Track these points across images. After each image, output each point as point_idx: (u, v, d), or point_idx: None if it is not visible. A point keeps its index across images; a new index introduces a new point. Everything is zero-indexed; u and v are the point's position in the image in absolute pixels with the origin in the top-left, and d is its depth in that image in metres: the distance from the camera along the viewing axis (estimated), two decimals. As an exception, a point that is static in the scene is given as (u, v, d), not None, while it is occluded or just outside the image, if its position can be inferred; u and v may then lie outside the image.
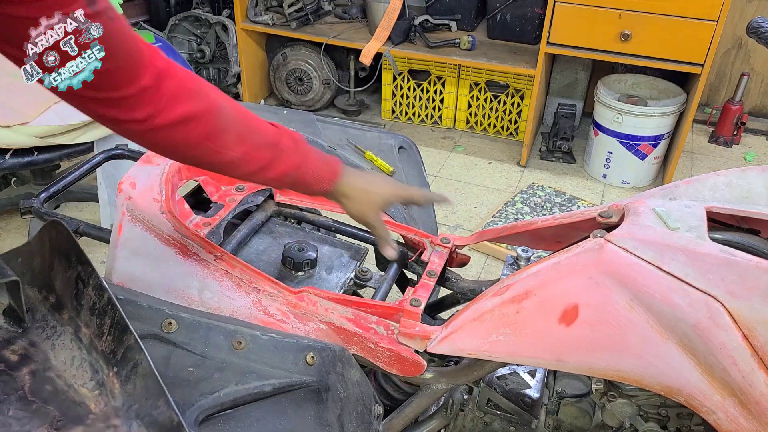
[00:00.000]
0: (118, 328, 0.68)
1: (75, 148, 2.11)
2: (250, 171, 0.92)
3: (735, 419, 0.84)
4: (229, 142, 0.88)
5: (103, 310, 0.70)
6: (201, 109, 0.84)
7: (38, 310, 0.75)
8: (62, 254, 0.75)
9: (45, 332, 0.74)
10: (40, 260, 0.77)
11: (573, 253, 0.91)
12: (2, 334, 0.73)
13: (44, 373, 0.70)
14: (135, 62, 0.77)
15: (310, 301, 1.03)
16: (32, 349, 0.72)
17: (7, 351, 0.72)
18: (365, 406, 1.02)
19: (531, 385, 1.14)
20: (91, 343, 0.71)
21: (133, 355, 0.66)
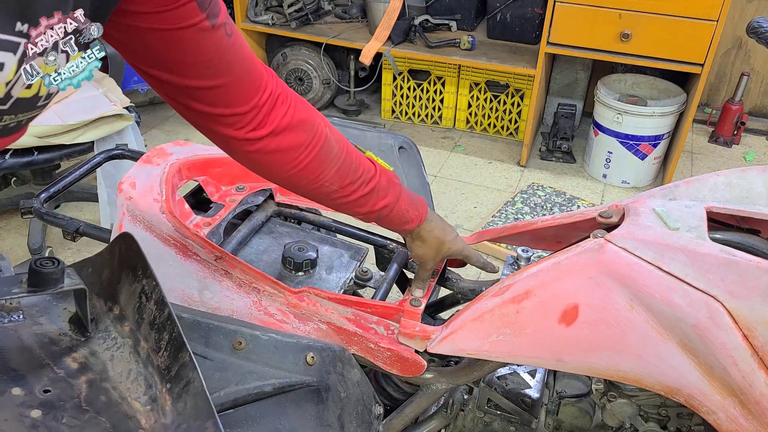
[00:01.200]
0: (175, 344, 0.69)
1: (75, 148, 2.11)
2: (342, 203, 0.96)
3: (735, 419, 0.84)
4: (329, 175, 0.91)
5: (162, 326, 0.70)
6: (309, 140, 0.87)
7: (102, 320, 0.76)
8: (129, 267, 0.76)
9: (106, 343, 0.74)
10: (108, 272, 0.78)
11: (573, 253, 0.91)
12: (66, 341, 0.74)
13: (101, 384, 0.70)
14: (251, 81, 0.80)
15: (310, 301, 1.03)
16: (92, 359, 0.73)
17: (69, 358, 0.72)
18: (365, 406, 1.02)
19: (531, 385, 1.14)
20: (148, 358, 0.71)
21: (187, 373, 0.67)
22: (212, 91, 0.77)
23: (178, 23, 0.69)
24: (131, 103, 2.27)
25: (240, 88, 0.79)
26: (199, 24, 0.71)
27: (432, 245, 1.05)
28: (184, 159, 1.23)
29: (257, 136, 0.82)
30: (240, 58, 0.77)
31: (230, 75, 0.77)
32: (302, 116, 0.86)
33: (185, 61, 0.73)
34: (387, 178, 0.97)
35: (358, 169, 0.93)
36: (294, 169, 0.88)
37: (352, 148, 0.94)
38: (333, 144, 0.90)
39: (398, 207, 0.99)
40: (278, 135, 0.84)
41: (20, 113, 0.64)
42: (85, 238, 1.25)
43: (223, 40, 0.74)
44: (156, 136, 3.26)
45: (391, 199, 0.97)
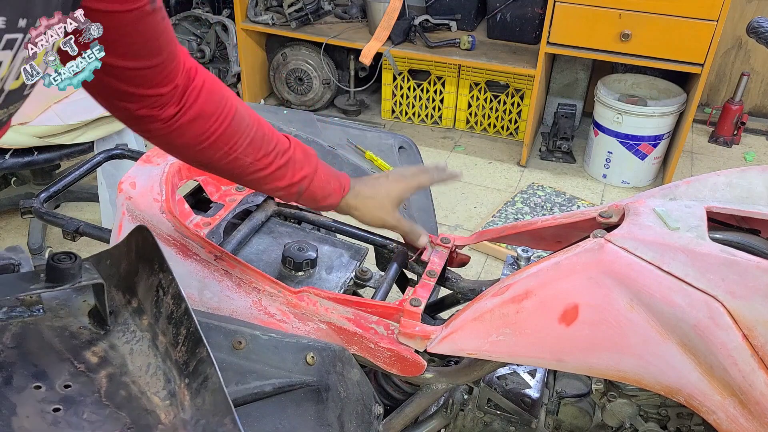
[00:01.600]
0: (192, 339, 0.69)
1: (75, 148, 2.11)
2: (259, 177, 0.94)
3: (735, 419, 0.84)
4: (243, 146, 0.90)
5: (180, 320, 0.70)
6: (220, 111, 0.87)
7: (121, 313, 0.76)
8: (146, 260, 0.76)
9: (125, 336, 0.74)
10: (126, 264, 0.78)
11: (573, 253, 0.91)
12: (86, 335, 0.74)
13: (120, 378, 0.70)
14: (175, 61, 0.81)
15: (310, 300, 1.03)
16: (112, 352, 0.73)
17: (89, 352, 0.72)
18: (365, 406, 1.02)
19: (531, 385, 1.14)
20: (167, 352, 0.71)
21: (205, 368, 0.67)
22: (142, 72, 0.77)
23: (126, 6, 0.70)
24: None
25: (167, 69, 0.80)
26: (143, 7, 0.71)
27: (369, 207, 1.02)
28: (184, 159, 1.22)
29: (173, 112, 0.83)
30: (169, 40, 0.78)
31: (161, 56, 0.77)
32: (212, 88, 0.87)
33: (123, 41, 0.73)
34: (302, 150, 0.96)
35: (271, 141, 0.93)
36: (207, 140, 0.87)
37: (264, 122, 0.94)
38: (244, 115, 0.90)
39: (317, 179, 0.97)
40: (191, 107, 0.85)
41: (11, 105, 0.65)
42: (85, 238, 1.25)
43: (160, 23, 0.75)
44: (156, 136, 3.26)
45: (309, 170, 0.96)
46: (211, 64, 3.57)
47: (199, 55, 3.53)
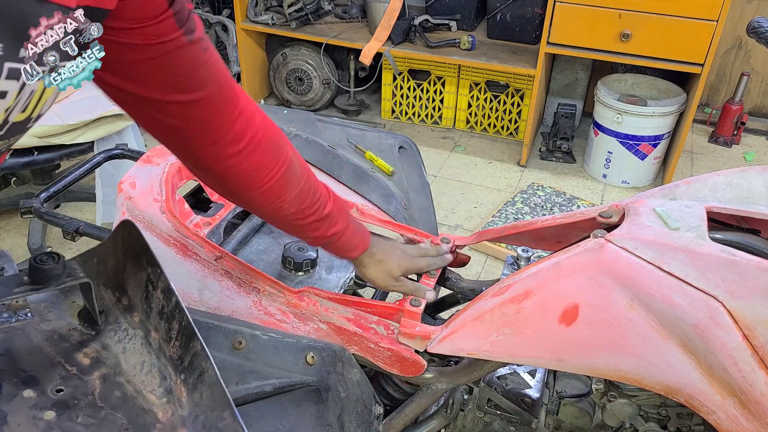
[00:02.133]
0: (185, 333, 0.67)
1: (75, 148, 2.11)
2: (296, 226, 0.96)
3: (735, 419, 0.84)
4: (290, 198, 0.91)
5: (171, 315, 0.69)
6: (276, 161, 0.87)
7: (111, 312, 0.75)
8: (133, 255, 0.74)
9: (117, 335, 0.73)
10: (113, 261, 0.76)
11: (573, 253, 0.91)
12: (77, 336, 0.73)
13: (114, 378, 0.69)
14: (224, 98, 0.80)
15: (310, 300, 1.03)
16: (104, 353, 0.72)
17: (80, 354, 0.71)
18: (365, 406, 1.02)
19: (531, 385, 1.14)
20: (160, 348, 0.70)
21: (200, 362, 0.65)
22: (186, 106, 0.77)
23: (156, 39, 0.69)
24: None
25: (213, 104, 0.79)
26: (176, 39, 0.70)
27: (378, 269, 1.05)
28: (184, 159, 1.22)
29: (227, 153, 0.83)
30: (214, 74, 0.78)
31: (204, 90, 0.77)
32: (272, 137, 0.87)
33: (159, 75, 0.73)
34: (339, 206, 0.99)
35: (315, 194, 0.94)
36: (259, 189, 0.88)
37: (311, 173, 0.95)
38: (296, 167, 0.91)
39: (346, 234, 1.00)
40: (249, 155, 0.84)
41: (12, 137, 0.64)
42: (85, 238, 1.25)
43: (200, 55, 0.74)
44: (156, 136, 3.26)
45: (341, 227, 0.98)
46: (211, 64, 3.57)
47: (199, 55, 3.53)
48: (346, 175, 1.34)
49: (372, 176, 1.36)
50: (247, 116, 0.84)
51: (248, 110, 0.84)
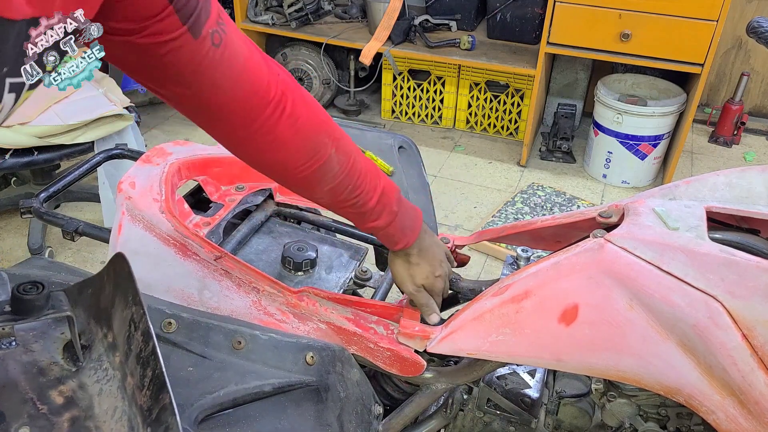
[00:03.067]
0: (156, 383, 0.64)
1: (75, 148, 2.12)
2: (331, 209, 0.97)
3: (734, 419, 0.84)
4: (319, 192, 0.91)
5: (147, 361, 0.66)
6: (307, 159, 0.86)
7: (96, 348, 0.71)
8: (122, 291, 0.71)
9: (97, 374, 0.70)
10: (105, 295, 0.73)
11: (573, 253, 0.91)
12: (56, 371, 0.69)
13: (84, 422, 0.66)
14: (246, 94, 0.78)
15: (309, 300, 1.03)
16: (80, 392, 0.68)
17: (55, 392, 0.68)
18: (365, 406, 1.02)
19: (531, 385, 1.14)
20: (133, 395, 0.67)
21: (166, 417, 0.62)
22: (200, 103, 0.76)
23: (158, 38, 0.68)
24: (131, 103, 2.27)
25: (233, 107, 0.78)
26: (180, 38, 0.69)
27: (404, 269, 1.03)
28: (183, 159, 1.23)
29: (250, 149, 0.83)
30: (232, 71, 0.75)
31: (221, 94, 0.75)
32: (307, 133, 0.84)
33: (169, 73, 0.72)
34: (385, 202, 0.95)
35: (355, 190, 0.92)
36: (286, 178, 0.89)
37: (356, 168, 0.91)
38: (334, 164, 0.88)
39: (386, 231, 0.98)
40: (276, 149, 0.83)
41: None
42: (85, 237, 1.25)
43: (209, 52, 0.72)
44: (156, 136, 3.26)
45: (381, 223, 0.96)
46: (211, 64, 3.57)
47: (199, 55, 3.53)
48: (345, 175, 1.34)
49: (372, 176, 1.36)
50: (281, 109, 0.81)
51: (284, 102, 0.81)
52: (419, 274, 1.03)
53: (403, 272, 1.03)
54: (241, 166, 1.28)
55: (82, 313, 0.74)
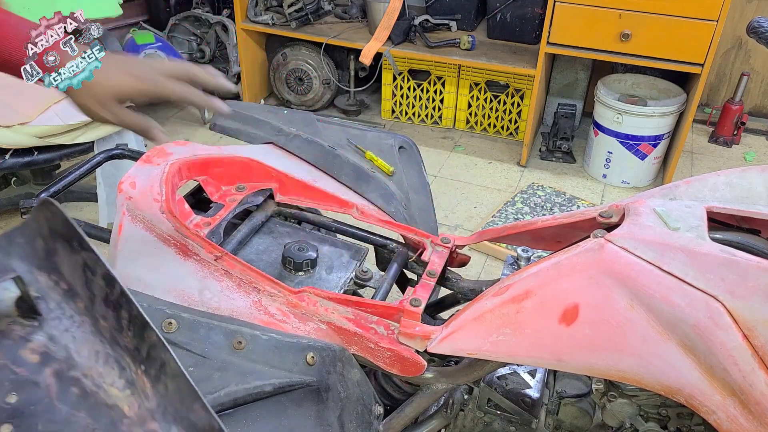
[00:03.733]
0: (136, 323, 0.61)
1: (75, 148, 2.12)
2: None
3: (735, 419, 0.84)
4: None
5: (118, 303, 0.63)
6: None
7: (51, 297, 0.67)
8: (63, 238, 0.66)
9: (62, 323, 0.65)
10: (42, 242, 0.68)
11: (573, 253, 0.91)
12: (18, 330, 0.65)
13: (68, 373, 0.62)
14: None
15: (310, 301, 1.03)
16: (52, 345, 0.64)
17: (26, 351, 0.64)
18: (365, 406, 1.02)
19: (531, 385, 1.14)
20: (113, 338, 0.63)
21: (159, 353, 0.60)
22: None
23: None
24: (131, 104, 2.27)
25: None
26: None
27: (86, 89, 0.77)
28: (184, 159, 1.23)
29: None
30: None
31: None
32: None
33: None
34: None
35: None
36: None
37: None
38: None
39: None
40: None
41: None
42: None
43: None
44: (156, 136, 3.26)
45: None
46: (211, 65, 3.57)
47: (199, 55, 3.53)
48: (346, 175, 1.34)
49: (372, 176, 1.36)
50: None
51: None
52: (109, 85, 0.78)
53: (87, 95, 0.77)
54: (242, 166, 1.28)
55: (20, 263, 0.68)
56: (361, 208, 1.25)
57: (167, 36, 3.50)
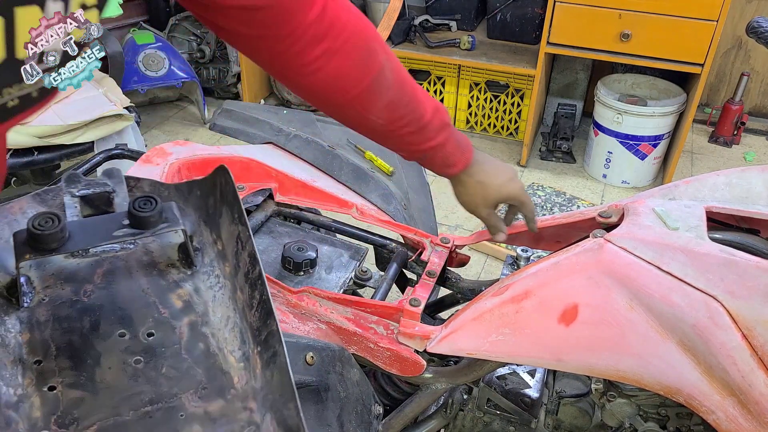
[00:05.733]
0: (264, 308, 0.66)
1: (75, 148, 2.12)
2: (384, 139, 0.92)
3: (734, 419, 0.84)
4: (377, 108, 0.86)
5: (255, 283, 0.68)
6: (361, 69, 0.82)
7: (207, 252, 0.73)
8: (228, 205, 0.73)
9: (210, 279, 0.72)
10: (213, 201, 0.75)
11: (573, 253, 0.91)
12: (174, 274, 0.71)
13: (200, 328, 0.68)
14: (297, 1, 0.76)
15: (309, 300, 1.03)
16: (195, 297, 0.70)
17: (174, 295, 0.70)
18: (365, 406, 1.02)
19: (531, 385, 1.14)
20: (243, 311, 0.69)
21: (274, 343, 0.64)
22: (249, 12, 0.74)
23: None
24: (131, 103, 2.27)
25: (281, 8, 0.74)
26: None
27: (472, 191, 0.99)
28: (183, 159, 1.23)
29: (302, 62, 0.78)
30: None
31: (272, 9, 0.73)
32: (358, 41, 0.81)
33: None
34: (439, 118, 0.91)
35: (410, 104, 0.88)
36: (342, 98, 0.83)
37: (407, 78, 0.88)
38: (387, 73, 0.84)
39: (443, 150, 0.93)
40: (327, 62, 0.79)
41: None
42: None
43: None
44: (156, 136, 3.26)
45: (439, 141, 0.92)
46: (211, 64, 3.57)
47: (199, 55, 3.53)
48: (345, 175, 1.34)
49: (372, 176, 1.36)
50: (328, 18, 0.78)
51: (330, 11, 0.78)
52: (492, 190, 0.98)
53: (473, 195, 0.99)
54: (242, 166, 1.28)
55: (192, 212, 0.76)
56: (361, 208, 1.25)
57: (167, 36, 3.50)
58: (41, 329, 0.65)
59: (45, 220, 0.65)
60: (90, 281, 0.70)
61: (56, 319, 0.66)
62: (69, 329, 0.65)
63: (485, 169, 0.99)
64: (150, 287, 0.70)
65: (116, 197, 0.75)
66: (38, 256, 0.65)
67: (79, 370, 0.63)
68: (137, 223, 0.68)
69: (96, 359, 0.64)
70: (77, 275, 0.70)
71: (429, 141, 0.92)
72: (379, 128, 0.89)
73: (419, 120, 0.89)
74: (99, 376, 0.63)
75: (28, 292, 0.67)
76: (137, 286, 0.70)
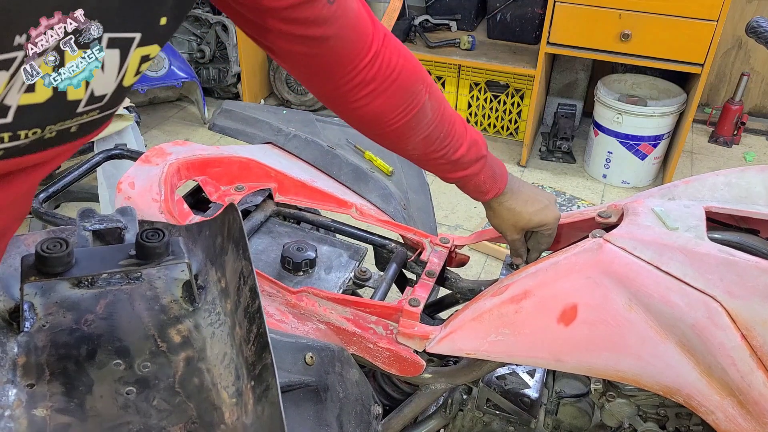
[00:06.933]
0: (261, 341, 0.67)
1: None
2: (421, 163, 0.98)
3: (733, 419, 0.84)
4: (414, 141, 0.92)
5: (253, 317, 0.69)
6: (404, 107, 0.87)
7: (210, 290, 0.75)
8: (234, 242, 0.74)
9: (210, 317, 0.73)
10: (220, 240, 0.76)
11: (572, 253, 0.91)
12: (175, 310, 0.73)
13: (197, 364, 0.69)
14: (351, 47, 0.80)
15: (309, 301, 1.03)
16: (195, 333, 0.71)
17: (173, 330, 0.71)
18: (364, 406, 1.02)
19: (530, 385, 1.14)
20: (240, 347, 0.70)
21: (267, 377, 0.65)
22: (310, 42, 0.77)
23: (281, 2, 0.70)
24: (131, 103, 2.27)
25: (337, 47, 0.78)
26: None
27: (503, 217, 1.04)
28: (183, 159, 1.23)
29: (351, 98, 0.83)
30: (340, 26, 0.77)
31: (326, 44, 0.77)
32: (405, 81, 0.86)
33: None
34: (474, 150, 0.96)
35: (445, 138, 0.93)
36: (381, 130, 0.89)
37: (447, 115, 0.93)
38: (428, 111, 0.90)
39: (476, 179, 0.98)
40: (373, 99, 0.84)
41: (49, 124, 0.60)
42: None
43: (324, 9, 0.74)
44: (156, 136, 3.26)
45: (471, 172, 0.97)
46: (211, 65, 3.57)
47: (199, 55, 3.53)
48: (345, 175, 1.34)
49: (371, 176, 1.36)
50: (379, 63, 0.83)
51: (382, 56, 0.83)
52: (523, 218, 1.03)
53: (504, 220, 1.04)
54: (241, 166, 1.28)
55: (200, 252, 0.77)
56: (360, 208, 1.25)
57: (167, 36, 3.49)
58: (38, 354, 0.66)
59: (53, 244, 0.67)
60: (92, 311, 0.71)
61: (54, 345, 0.67)
62: (65, 356, 0.66)
63: (518, 197, 1.04)
64: (150, 321, 0.72)
65: (127, 233, 0.76)
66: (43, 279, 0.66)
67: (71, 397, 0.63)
68: (144, 254, 0.69)
69: (88, 387, 0.64)
70: (80, 305, 0.71)
71: (461, 171, 0.97)
72: (414, 157, 0.96)
73: (453, 154, 0.95)
74: (89, 403, 0.63)
75: (29, 317, 0.68)
76: (138, 319, 0.71)
